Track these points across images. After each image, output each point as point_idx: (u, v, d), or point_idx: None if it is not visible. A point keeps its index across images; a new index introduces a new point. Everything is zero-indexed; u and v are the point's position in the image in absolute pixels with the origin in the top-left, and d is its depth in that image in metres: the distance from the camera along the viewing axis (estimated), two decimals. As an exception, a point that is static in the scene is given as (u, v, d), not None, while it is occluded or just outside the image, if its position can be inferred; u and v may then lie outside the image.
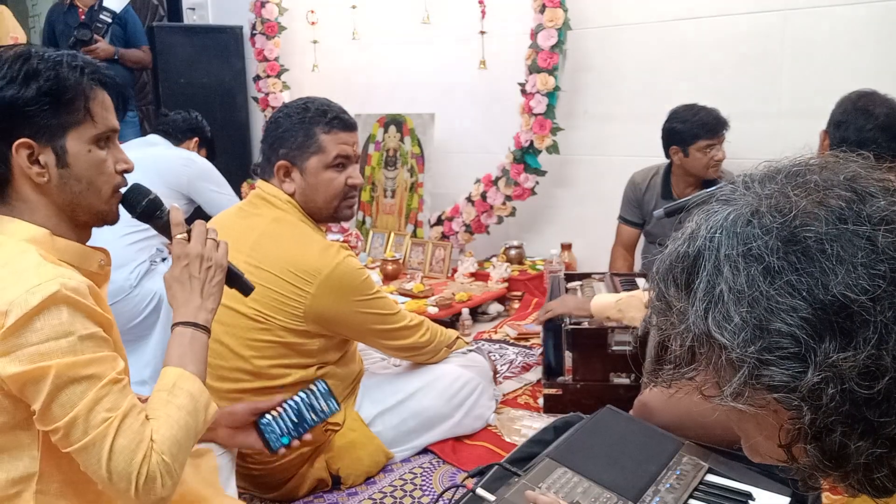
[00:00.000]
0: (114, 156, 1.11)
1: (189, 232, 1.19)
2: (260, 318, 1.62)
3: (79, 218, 1.09)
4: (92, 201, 1.08)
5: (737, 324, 0.59)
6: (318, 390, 1.55)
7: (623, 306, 1.93)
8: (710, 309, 0.61)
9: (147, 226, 1.23)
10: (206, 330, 1.15)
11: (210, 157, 3.08)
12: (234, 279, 1.26)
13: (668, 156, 2.75)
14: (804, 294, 0.57)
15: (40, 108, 1.01)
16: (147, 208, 1.19)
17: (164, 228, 1.22)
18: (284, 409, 1.51)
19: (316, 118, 1.68)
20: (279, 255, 1.62)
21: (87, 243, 1.13)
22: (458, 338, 2.04)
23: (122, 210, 1.18)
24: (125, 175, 1.14)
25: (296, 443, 1.47)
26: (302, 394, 1.53)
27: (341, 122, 1.71)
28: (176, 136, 2.95)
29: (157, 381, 1.09)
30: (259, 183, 1.76)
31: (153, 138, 2.94)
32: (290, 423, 1.49)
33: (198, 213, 2.81)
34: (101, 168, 1.08)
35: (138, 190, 1.18)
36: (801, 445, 0.60)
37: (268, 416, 1.48)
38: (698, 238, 0.64)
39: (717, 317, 0.60)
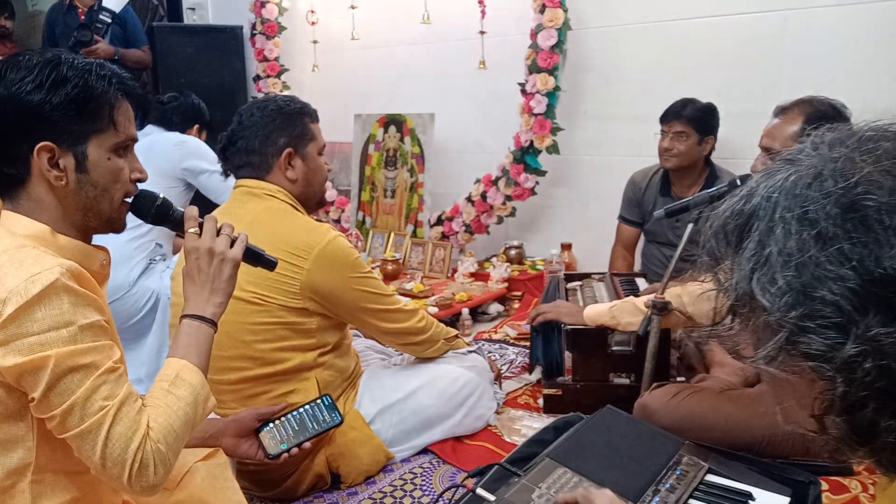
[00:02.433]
0: (130, 164, 1.13)
1: (201, 226, 1.20)
2: (259, 301, 1.66)
3: (89, 223, 1.11)
4: (103, 207, 1.10)
5: (780, 287, 0.58)
6: (323, 403, 1.55)
7: (616, 313, 1.93)
8: (756, 269, 0.59)
9: (145, 224, 1.24)
10: (213, 324, 1.16)
11: (209, 134, 3.03)
12: (257, 259, 1.27)
13: None
14: (854, 264, 0.55)
15: (66, 114, 1.02)
16: (158, 213, 1.20)
17: (178, 226, 1.22)
18: (287, 418, 1.51)
19: (302, 110, 1.84)
20: (272, 237, 1.66)
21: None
22: (457, 336, 2.04)
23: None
24: (137, 184, 1.16)
25: (294, 450, 1.49)
26: (307, 405, 1.53)
27: (316, 115, 1.89)
28: (175, 125, 2.90)
29: (160, 371, 1.10)
30: (242, 181, 1.79)
31: (149, 129, 2.90)
32: (290, 431, 1.50)
33: (196, 201, 2.78)
34: (118, 176, 1.10)
35: (146, 196, 1.19)
36: (832, 417, 0.59)
37: (270, 423, 1.49)
38: (755, 196, 0.62)
39: (761, 278, 0.59)
